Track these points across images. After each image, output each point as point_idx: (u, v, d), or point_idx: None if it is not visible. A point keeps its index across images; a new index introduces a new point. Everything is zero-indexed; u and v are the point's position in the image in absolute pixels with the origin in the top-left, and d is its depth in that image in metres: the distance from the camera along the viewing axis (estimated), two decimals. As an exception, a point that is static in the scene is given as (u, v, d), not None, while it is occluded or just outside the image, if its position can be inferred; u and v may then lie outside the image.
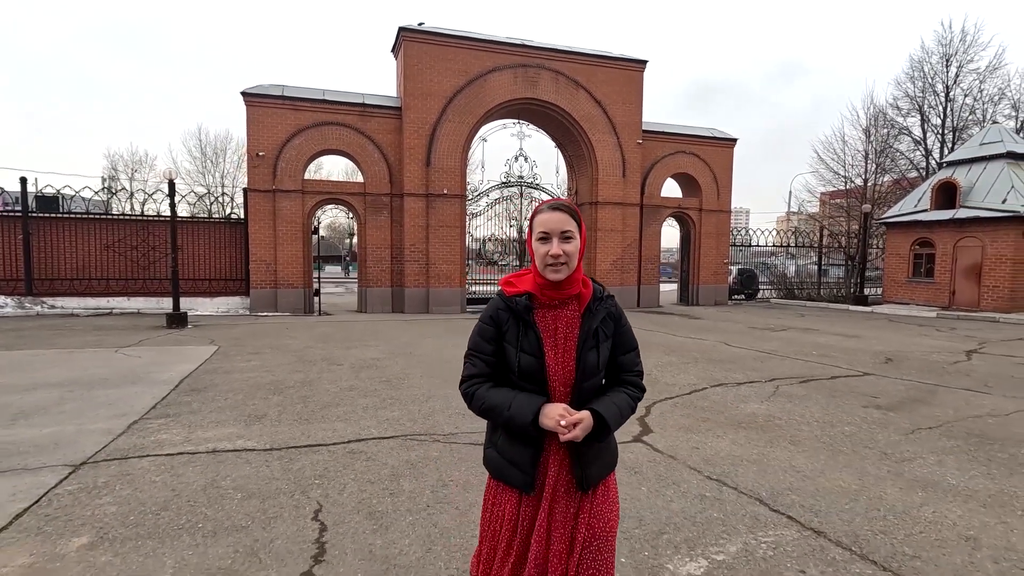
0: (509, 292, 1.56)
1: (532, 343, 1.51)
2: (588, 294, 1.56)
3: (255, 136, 13.96)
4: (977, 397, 5.77)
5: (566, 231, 1.49)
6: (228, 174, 41.26)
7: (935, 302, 16.73)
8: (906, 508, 3.11)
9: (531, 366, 1.50)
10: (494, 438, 1.61)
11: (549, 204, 1.53)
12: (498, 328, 1.55)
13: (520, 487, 1.52)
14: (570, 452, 1.53)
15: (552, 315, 1.55)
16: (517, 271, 1.64)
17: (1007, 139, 16.52)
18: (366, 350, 8.32)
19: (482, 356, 1.56)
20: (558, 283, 1.51)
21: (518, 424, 1.46)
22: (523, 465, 1.52)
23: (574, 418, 1.43)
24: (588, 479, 1.53)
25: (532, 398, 1.49)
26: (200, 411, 4.86)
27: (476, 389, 1.55)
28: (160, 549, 2.56)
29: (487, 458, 1.62)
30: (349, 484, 3.33)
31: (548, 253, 1.47)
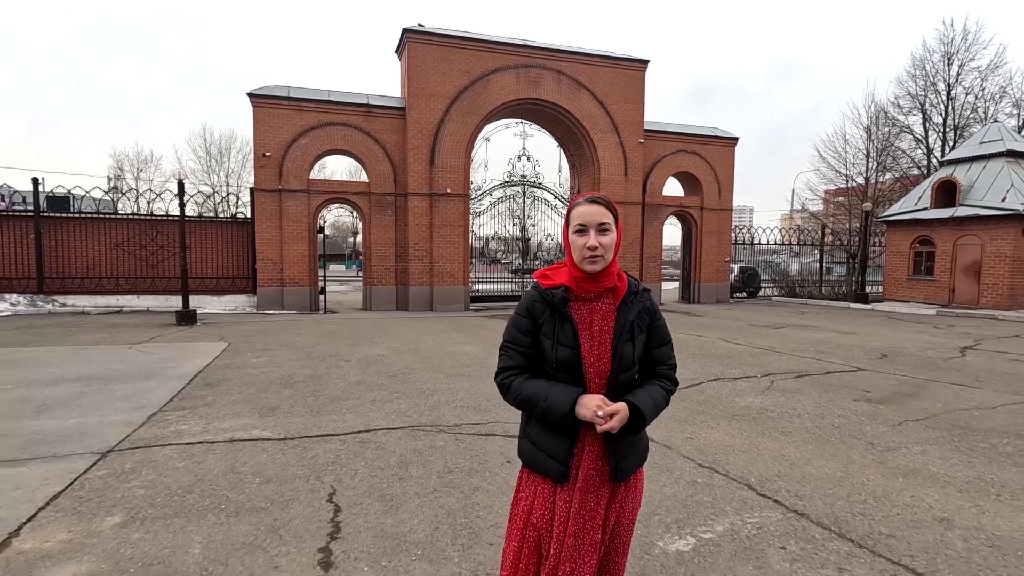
0: (545, 284, 1.57)
1: (568, 335, 1.52)
2: (623, 288, 1.57)
3: (262, 136, 14.17)
4: (966, 391, 5.93)
5: (603, 223, 1.50)
6: (233, 173, 41.56)
7: (935, 300, 16.84)
8: (886, 493, 3.29)
9: (567, 358, 1.51)
10: (528, 429, 1.61)
11: (587, 197, 1.55)
12: (534, 320, 1.56)
13: (555, 477, 1.53)
14: (605, 443, 1.54)
15: (588, 308, 1.55)
16: (551, 264, 1.66)
17: (1007, 137, 16.61)
18: (372, 347, 8.53)
19: (518, 348, 1.57)
20: (594, 276, 1.52)
21: (555, 414, 1.47)
22: (559, 456, 1.53)
23: (611, 409, 1.44)
24: (623, 471, 1.55)
25: (569, 388, 1.50)
26: (215, 404, 5.07)
27: (512, 380, 1.56)
28: (188, 527, 2.77)
29: (521, 449, 1.63)
30: (360, 470, 3.53)
31: (585, 245, 1.48)
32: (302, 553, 2.54)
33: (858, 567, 2.48)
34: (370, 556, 2.52)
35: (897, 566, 2.49)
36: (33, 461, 3.60)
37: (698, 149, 18.70)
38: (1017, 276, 15.08)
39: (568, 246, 1.54)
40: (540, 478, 1.56)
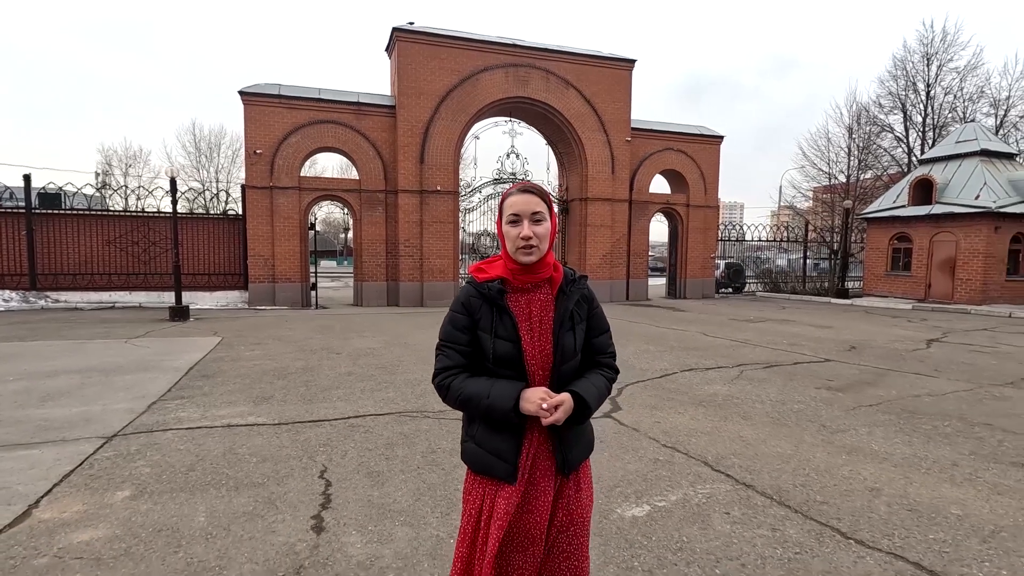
0: (481, 278, 1.53)
1: (508, 328, 1.48)
2: (560, 277, 1.55)
3: (253, 134, 14.34)
4: (922, 380, 6.31)
5: (536, 212, 1.47)
6: (223, 169, 41.47)
7: (912, 294, 17.34)
8: (828, 468, 3.63)
9: (508, 351, 1.48)
10: (472, 431, 1.56)
11: (519, 187, 1.51)
12: (471, 316, 1.51)
13: (504, 478, 1.48)
14: (551, 436, 1.51)
15: (525, 299, 1.52)
16: (486, 258, 1.64)
17: (981, 137, 17.10)
18: (363, 340, 8.80)
19: (455, 346, 1.53)
20: (530, 266, 1.49)
21: (499, 411, 1.43)
22: (506, 455, 1.49)
23: (555, 400, 1.42)
24: (570, 463, 1.52)
25: (512, 384, 1.46)
26: (212, 393, 5.34)
27: (451, 380, 1.51)
28: (192, 500, 3.05)
29: (465, 452, 1.58)
30: (350, 451, 3.82)
31: (519, 235, 1.46)
32: (296, 520, 2.84)
33: (790, 528, 2.81)
34: (358, 522, 2.82)
35: (824, 527, 2.82)
36: (44, 444, 3.86)
37: (684, 147, 19.05)
38: (989, 272, 15.59)
39: (502, 237, 1.52)
40: (488, 480, 1.52)
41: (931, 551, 2.59)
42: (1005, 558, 2.53)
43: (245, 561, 2.45)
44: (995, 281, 15.67)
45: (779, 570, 2.43)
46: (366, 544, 2.61)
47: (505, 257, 1.53)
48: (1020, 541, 2.69)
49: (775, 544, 2.65)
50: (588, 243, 17.40)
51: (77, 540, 2.61)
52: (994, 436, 4.31)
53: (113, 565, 2.41)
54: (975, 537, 2.72)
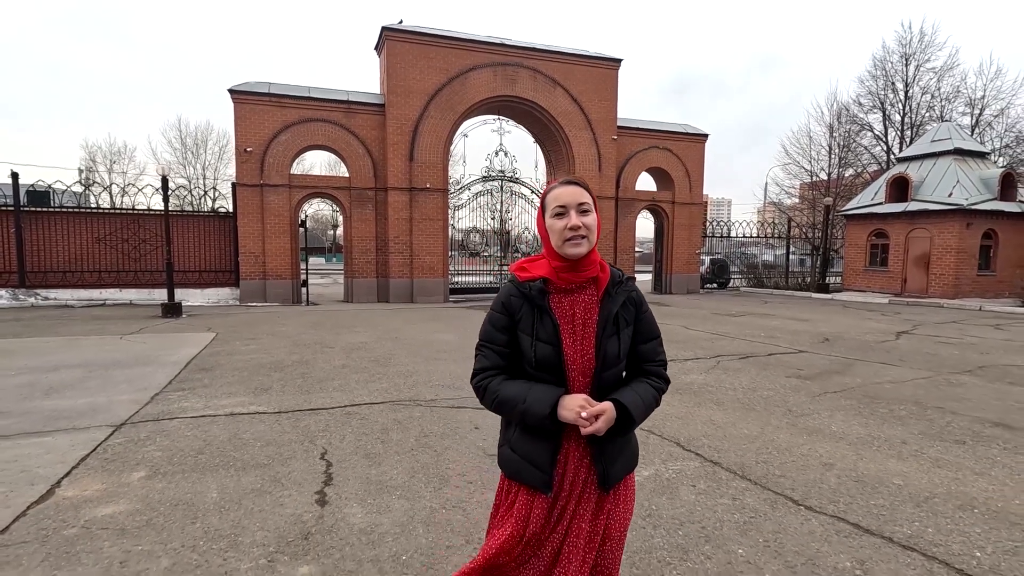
0: (523, 277, 1.46)
1: (548, 330, 1.41)
2: (606, 278, 1.47)
3: (243, 132, 14.45)
4: (887, 369, 6.70)
5: (583, 203, 1.41)
6: (210, 165, 41.29)
7: (889, 289, 17.88)
8: (789, 447, 3.97)
9: (548, 355, 1.40)
10: (508, 435, 1.50)
11: (562, 180, 1.46)
12: (511, 316, 1.45)
13: (538, 487, 1.41)
14: (591, 448, 1.43)
15: (569, 300, 1.45)
16: (528, 256, 1.56)
17: (955, 136, 17.65)
18: (355, 335, 9.04)
19: (495, 347, 1.47)
20: (576, 263, 1.42)
21: (535, 417, 1.36)
22: (541, 463, 1.41)
23: (596, 409, 1.34)
24: (610, 477, 1.44)
25: (550, 389, 1.39)
26: (212, 385, 5.57)
27: (489, 382, 1.45)
28: (204, 479, 3.30)
29: (501, 457, 1.52)
30: (348, 435, 4.09)
31: (567, 226, 1.38)
32: (301, 495, 3.10)
33: (748, 497, 3.13)
34: (358, 496, 3.10)
35: (779, 496, 3.15)
36: (56, 432, 4.09)
37: (669, 145, 19.41)
38: (962, 267, 16.15)
39: (545, 234, 1.45)
40: (522, 487, 1.45)
41: (870, 514, 2.92)
42: (932, 519, 2.87)
43: (257, 529, 2.72)
44: (967, 276, 16.23)
45: (734, 531, 2.74)
46: (366, 514, 2.88)
47: (549, 255, 1.46)
48: (949, 505, 3.03)
49: (734, 510, 2.96)
50: (575, 240, 17.68)
51: (101, 514, 2.85)
52: (943, 418, 4.68)
53: (137, 534, 2.66)
54: (911, 503, 3.06)
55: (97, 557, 2.46)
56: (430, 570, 2.38)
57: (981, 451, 3.89)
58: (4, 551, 2.49)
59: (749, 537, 2.68)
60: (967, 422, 4.57)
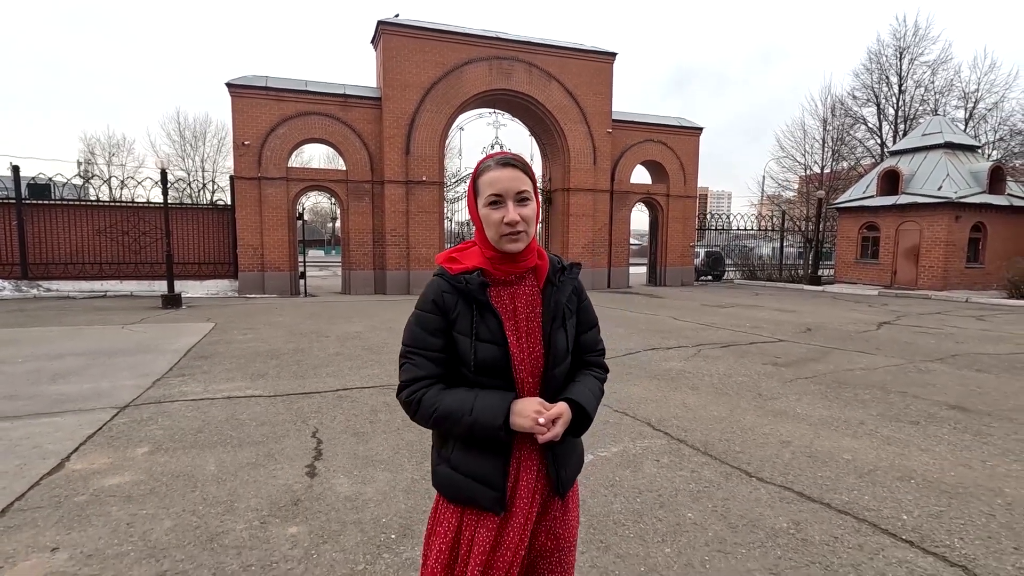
0: (454, 270, 1.29)
1: (492, 328, 1.25)
2: (545, 265, 1.34)
3: (240, 125, 14.63)
4: (861, 357, 6.95)
5: (521, 192, 1.25)
6: (208, 157, 41.34)
7: (879, 281, 18.12)
8: (752, 427, 4.22)
9: (493, 356, 1.24)
10: (445, 452, 1.32)
11: (496, 159, 1.27)
12: (444, 316, 1.27)
13: (490, 508, 1.26)
14: (544, 454, 1.31)
15: (508, 293, 1.31)
16: (456, 245, 1.41)
17: (946, 130, 17.82)
18: (351, 325, 9.29)
19: (426, 353, 1.27)
20: (515, 254, 1.28)
21: (485, 428, 1.20)
22: (492, 480, 1.26)
23: (552, 413, 1.22)
24: (564, 482, 1.32)
25: (499, 395, 1.24)
26: (211, 371, 5.82)
27: (423, 394, 1.25)
28: (203, 454, 3.56)
29: (438, 478, 1.33)
30: (339, 416, 4.34)
31: (503, 220, 1.24)
32: (293, 468, 3.36)
33: (706, 470, 3.38)
34: (345, 469, 3.35)
35: (734, 469, 3.40)
36: (64, 413, 4.34)
37: (664, 139, 19.57)
38: (950, 259, 16.37)
39: (478, 221, 1.29)
40: (466, 510, 1.29)
41: (815, 484, 3.17)
42: (871, 488, 3.12)
43: (252, 497, 2.97)
44: (955, 268, 16.47)
45: (688, 498, 3.00)
46: (352, 484, 3.14)
47: (481, 243, 1.31)
48: (889, 476, 3.29)
49: (691, 481, 3.22)
50: (571, 232, 17.93)
51: (108, 484, 3.11)
52: (904, 401, 4.93)
53: (142, 501, 2.91)
54: (854, 475, 3.32)
55: (106, 520, 2.71)
56: (407, 531, 2.64)
57: (932, 431, 4.15)
58: (21, 515, 2.75)
59: (700, 503, 2.94)
60: (925, 405, 4.82)
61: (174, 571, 2.29)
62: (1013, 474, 3.34)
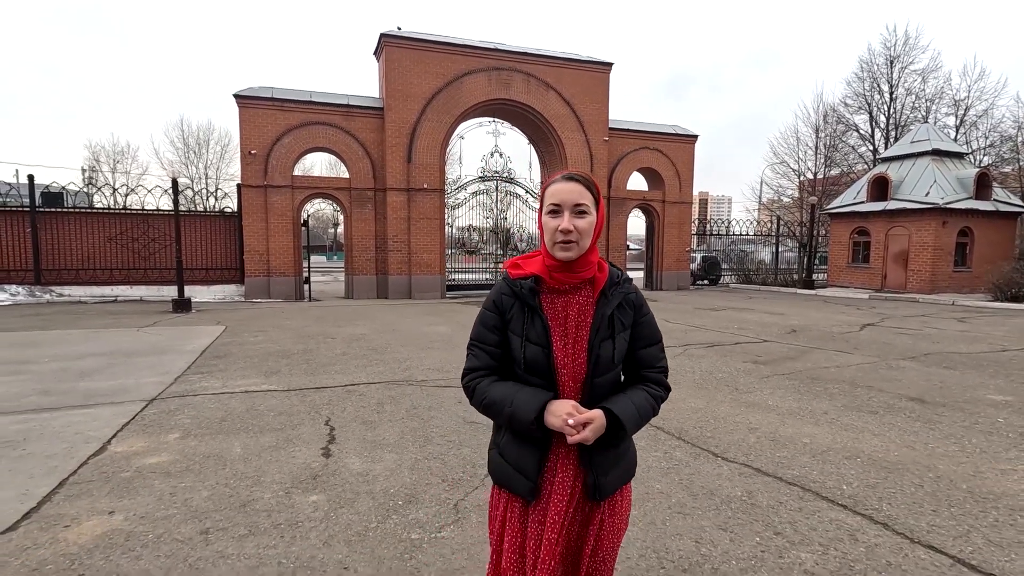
0: (514, 275, 1.41)
1: (538, 331, 1.36)
2: (603, 278, 1.41)
3: (247, 135, 15.11)
4: (839, 356, 7.36)
5: (580, 205, 1.34)
6: (212, 164, 41.93)
7: (870, 285, 18.52)
8: (726, 417, 4.63)
9: (537, 357, 1.35)
10: (498, 439, 1.46)
11: (564, 174, 1.38)
12: (502, 315, 1.41)
13: (523, 495, 1.38)
14: (581, 457, 1.38)
15: (562, 301, 1.39)
16: (525, 253, 1.51)
17: (934, 138, 18.27)
18: (355, 328, 9.71)
19: (485, 347, 1.42)
20: (569, 264, 1.36)
21: (520, 421, 1.32)
22: (527, 470, 1.37)
23: (584, 417, 1.28)
24: (602, 488, 1.38)
25: (538, 393, 1.34)
26: (227, 370, 6.24)
27: (478, 383, 1.41)
28: (228, 439, 3.97)
29: (490, 461, 1.48)
30: (348, 407, 4.76)
31: (558, 228, 1.33)
32: (310, 449, 3.77)
33: (678, 452, 3.80)
34: (356, 451, 3.77)
35: (703, 451, 3.81)
36: (98, 406, 4.76)
37: (660, 146, 20.04)
38: (938, 263, 16.78)
39: (541, 229, 1.39)
40: (511, 495, 1.42)
41: (772, 462, 3.58)
42: (820, 465, 3.54)
43: (275, 472, 3.39)
44: (943, 272, 16.87)
45: (658, 473, 3.41)
46: (363, 463, 3.55)
47: (544, 252, 1.41)
48: (839, 456, 3.70)
49: (663, 460, 3.63)
50: (568, 238, 18.33)
51: (148, 463, 3.53)
52: (869, 394, 5.34)
53: (180, 476, 3.33)
54: (808, 455, 3.73)
55: (151, 490, 3.13)
56: (412, 499, 3.05)
57: (888, 419, 4.56)
58: (77, 487, 3.16)
59: (668, 477, 3.35)
60: (888, 398, 5.23)
61: (215, 528, 2.71)
62: (949, 454, 3.75)
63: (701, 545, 2.57)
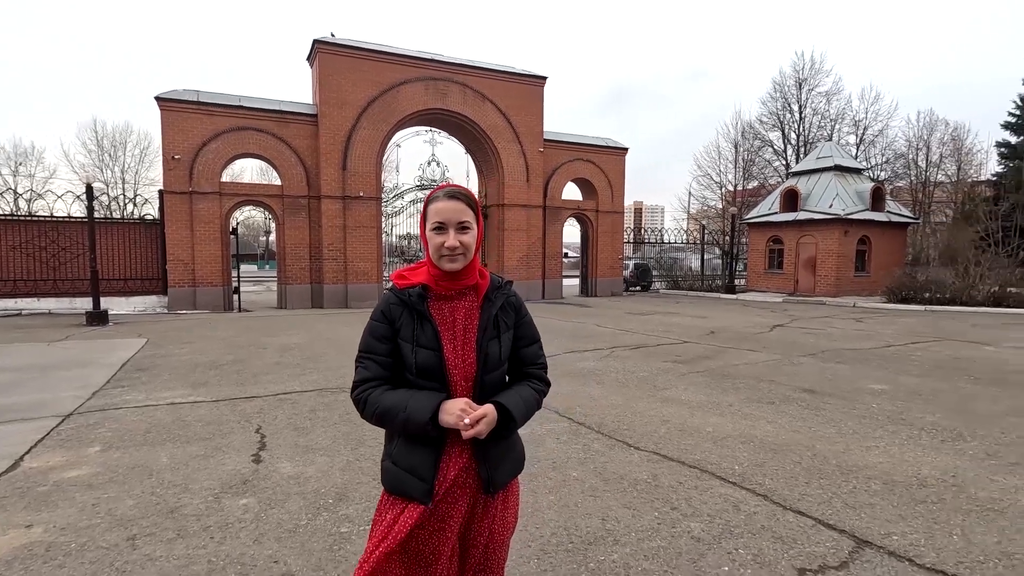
0: (402, 285, 1.48)
1: (429, 336, 1.43)
2: (486, 284, 1.51)
3: (170, 139, 14.49)
4: (749, 354, 8.03)
5: (463, 222, 1.42)
6: (129, 168, 39.54)
7: (784, 289, 20.03)
8: (643, 411, 5.03)
9: (429, 361, 1.42)
10: (391, 448, 1.50)
11: (445, 191, 1.45)
12: (391, 324, 1.46)
13: (419, 497, 1.40)
14: (475, 452, 1.45)
15: (449, 307, 1.48)
16: (410, 264, 1.59)
17: (836, 155, 20.10)
18: (289, 337, 9.56)
19: (375, 357, 1.46)
20: (455, 273, 1.45)
21: (416, 424, 1.36)
22: (422, 472, 1.41)
23: (478, 413, 1.36)
24: (495, 482, 1.47)
25: (431, 394, 1.40)
26: (151, 382, 6.06)
27: (369, 394, 1.44)
28: (154, 451, 3.94)
29: (383, 472, 1.50)
30: (280, 416, 4.79)
31: (444, 245, 1.41)
32: (240, 456, 3.82)
33: (596, 443, 4.13)
34: (288, 455, 3.85)
35: (619, 442, 4.16)
36: (9, 423, 4.54)
37: (593, 157, 20.83)
38: (841, 269, 18.42)
39: (426, 242, 1.46)
40: (403, 501, 1.43)
41: (677, 449, 3.98)
42: (719, 450, 3.97)
43: (205, 479, 3.42)
44: (846, 277, 18.53)
45: (575, 463, 3.71)
46: (294, 467, 3.64)
47: (428, 263, 1.49)
48: (736, 442, 4.15)
49: (581, 451, 3.95)
50: (506, 246, 18.73)
51: (67, 476, 3.46)
52: (769, 387, 5.93)
53: (103, 487, 3.30)
54: (710, 441, 4.16)
55: (71, 503, 3.10)
56: (343, 497, 3.19)
57: (782, 408, 5.11)
58: (-11, 503, 3.08)
59: (585, 466, 3.66)
60: (785, 390, 5.83)
61: (143, 534, 2.75)
62: (826, 436, 4.29)
63: (607, 522, 2.88)
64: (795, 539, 2.71)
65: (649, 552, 2.60)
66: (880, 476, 3.49)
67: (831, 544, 2.66)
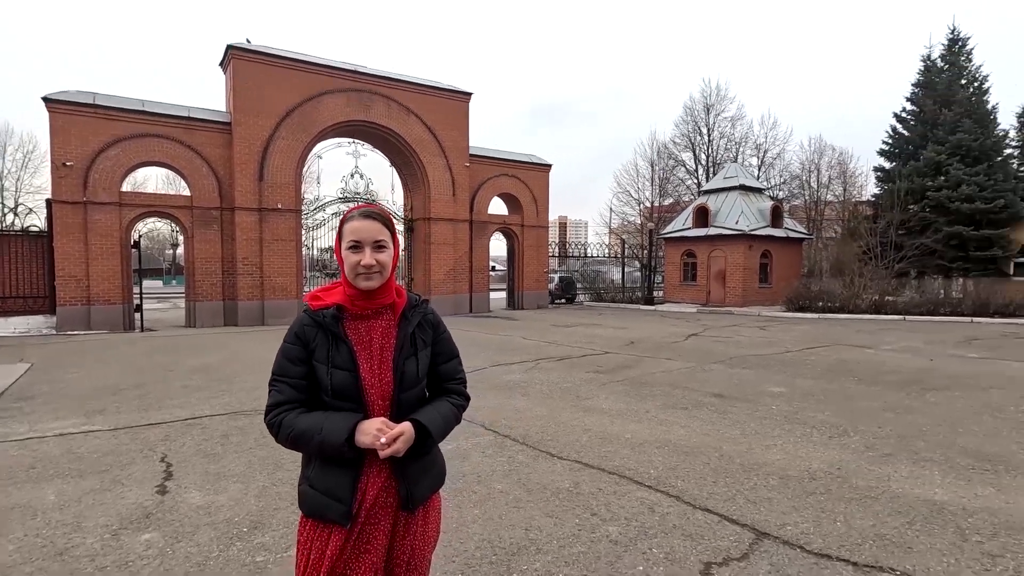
0: (316, 306, 1.47)
1: (344, 357, 1.42)
2: (403, 302, 1.51)
3: (61, 145, 13.25)
4: (665, 362, 8.48)
5: (379, 240, 1.43)
6: (10, 174, 35.71)
7: (698, 300, 21.29)
8: (567, 421, 5.17)
9: (344, 382, 1.41)
10: (308, 472, 1.47)
11: (360, 211, 1.46)
12: (305, 346, 1.44)
13: (338, 520, 1.39)
14: (394, 471, 1.44)
15: (365, 326, 1.47)
16: (324, 285, 1.57)
17: (741, 175, 21.77)
18: (199, 358, 8.96)
19: (289, 380, 1.44)
20: (371, 292, 1.44)
21: (332, 446, 1.34)
22: (340, 494, 1.40)
23: (394, 432, 1.35)
24: (414, 498, 1.46)
25: (347, 415, 1.38)
26: (35, 412, 5.48)
27: (283, 417, 1.41)
28: (39, 487, 3.57)
29: (300, 496, 1.47)
30: (188, 442, 4.50)
31: (360, 263, 1.41)
32: (143, 489, 3.55)
33: (520, 455, 4.20)
34: (197, 484, 3.62)
35: (543, 452, 4.26)
36: None
37: (518, 173, 21.24)
38: (747, 281, 19.87)
39: (341, 262, 1.45)
40: (323, 525, 1.42)
41: (597, 457, 4.14)
42: (636, 456, 4.17)
43: (100, 516, 3.15)
44: (752, 288, 20.01)
45: (500, 475, 3.77)
46: (204, 496, 3.44)
47: (344, 282, 1.47)
48: (652, 447, 4.38)
49: (506, 463, 4.01)
50: (432, 260, 18.62)
51: (-69, 523, 3.07)
52: (683, 394, 6.29)
53: (-25, 533, 2.96)
54: (628, 448, 4.36)
55: (-64, 552, 2.75)
56: (258, 524, 3.05)
57: (694, 413, 5.44)
58: None
59: (509, 478, 3.72)
60: (697, 395, 6.21)
61: (26, 581, 2.49)
62: (732, 437, 4.63)
63: (530, 531, 2.95)
64: (703, 535, 2.91)
65: (570, 558, 2.69)
66: (777, 472, 3.81)
67: (734, 538, 2.88)
